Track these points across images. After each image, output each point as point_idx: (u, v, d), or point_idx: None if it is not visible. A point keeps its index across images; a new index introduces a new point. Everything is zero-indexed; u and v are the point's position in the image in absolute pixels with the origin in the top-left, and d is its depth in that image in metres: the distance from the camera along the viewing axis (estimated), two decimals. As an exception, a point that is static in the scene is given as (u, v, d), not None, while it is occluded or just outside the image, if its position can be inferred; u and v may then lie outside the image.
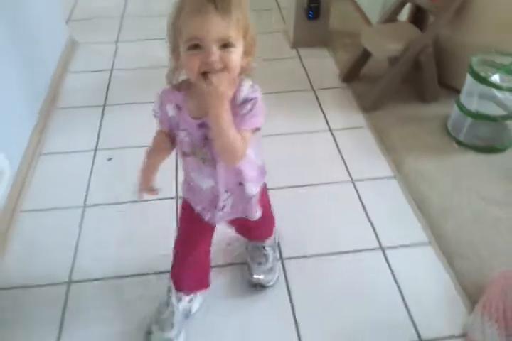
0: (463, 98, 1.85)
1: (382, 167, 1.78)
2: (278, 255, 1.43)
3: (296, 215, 1.58)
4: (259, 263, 1.36)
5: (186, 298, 1.26)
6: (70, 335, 1.27)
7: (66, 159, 1.80)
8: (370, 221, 1.57)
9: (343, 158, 1.81)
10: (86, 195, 1.65)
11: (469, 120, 1.83)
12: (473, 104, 1.81)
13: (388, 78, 2.03)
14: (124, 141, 1.86)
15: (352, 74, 2.23)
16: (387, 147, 1.87)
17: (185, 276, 1.24)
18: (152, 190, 1.13)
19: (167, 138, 1.05)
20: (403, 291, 1.37)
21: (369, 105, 2.05)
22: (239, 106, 0.92)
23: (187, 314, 1.27)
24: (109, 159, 1.79)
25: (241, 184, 1.07)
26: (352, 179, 1.72)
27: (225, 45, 0.85)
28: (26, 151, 1.73)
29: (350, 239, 1.51)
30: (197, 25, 0.82)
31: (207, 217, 1.14)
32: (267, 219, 1.31)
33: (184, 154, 1.03)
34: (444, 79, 2.11)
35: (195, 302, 1.29)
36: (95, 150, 1.83)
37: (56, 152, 1.83)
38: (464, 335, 1.27)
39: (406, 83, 2.11)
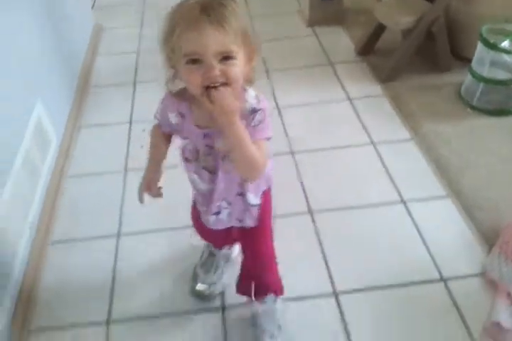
0: (475, 65, 1.95)
1: (401, 130, 1.89)
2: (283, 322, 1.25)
3: (323, 174, 1.70)
4: (271, 337, 1.20)
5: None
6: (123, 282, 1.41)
7: (104, 131, 1.94)
8: (391, 178, 1.68)
9: (362, 123, 1.93)
10: (126, 162, 1.79)
11: (481, 86, 1.93)
12: (485, 71, 1.91)
13: (402, 50, 2.14)
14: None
15: (367, 48, 2.34)
16: (404, 112, 1.97)
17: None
18: (157, 193, 1.05)
19: (163, 135, 1.04)
20: (424, 237, 1.48)
21: (385, 76, 2.16)
22: (248, 117, 0.89)
23: (228, 258, 1.38)
24: (144, 130, 1.91)
25: (241, 194, 1.04)
26: (372, 141, 1.84)
27: (226, 58, 0.82)
28: (68, 124, 1.86)
29: (373, 194, 1.63)
30: (194, 41, 0.80)
31: (204, 219, 1.13)
32: (271, 257, 1.19)
33: (186, 160, 1.02)
34: (456, 49, 2.21)
35: (235, 247, 1.40)
36: (130, 122, 1.97)
37: (94, 124, 1.97)
38: (482, 274, 1.38)
39: (419, 54, 2.20)
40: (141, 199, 1.06)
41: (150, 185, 1.04)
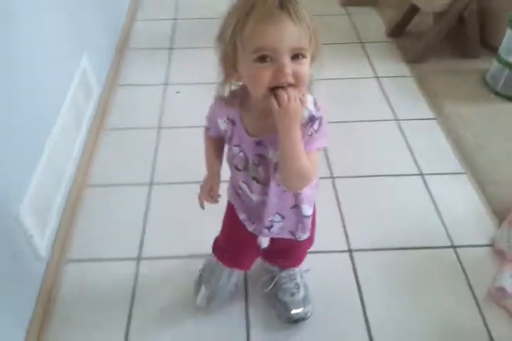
0: (502, 52, 2.00)
1: (424, 110, 1.96)
2: (306, 282, 1.31)
3: (346, 145, 1.78)
4: (292, 294, 1.25)
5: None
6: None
7: (140, 90, 2.03)
8: (411, 152, 1.76)
9: (387, 99, 1.99)
10: (160, 120, 1.88)
11: (507, 72, 1.98)
12: (511, 57, 1.96)
13: (433, 33, 2.19)
14: (190, 78, 2.07)
15: (397, 30, 2.39)
16: (429, 93, 2.04)
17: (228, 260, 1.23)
18: (213, 199, 1.09)
19: (213, 140, 1.02)
20: (439, 208, 1.56)
21: (413, 57, 2.21)
22: (305, 126, 0.82)
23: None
24: (178, 92, 2.01)
25: (296, 206, 0.99)
26: (396, 117, 1.91)
27: (296, 56, 0.76)
28: (107, 80, 1.95)
29: (393, 166, 1.71)
30: (269, 34, 0.73)
31: (251, 228, 1.08)
32: (309, 241, 1.18)
33: (236, 168, 0.96)
34: (484, 37, 2.25)
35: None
36: (165, 84, 2.06)
37: (131, 84, 2.06)
38: (491, 245, 1.46)
39: (449, 39, 2.26)
40: (202, 206, 1.11)
41: (207, 193, 1.08)
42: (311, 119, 0.83)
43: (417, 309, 1.30)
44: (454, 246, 1.45)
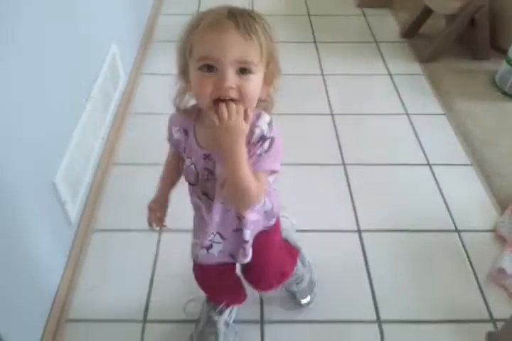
0: (511, 54, 2.09)
1: (434, 106, 2.04)
2: (306, 261, 1.33)
3: (358, 135, 1.88)
4: (297, 284, 1.29)
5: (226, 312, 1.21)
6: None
7: (162, 79, 2.12)
8: (420, 144, 1.84)
9: (399, 95, 2.08)
10: (181, 107, 1.98)
11: (515, 73, 2.07)
12: (521, 59, 2.05)
13: (445, 34, 2.28)
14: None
15: (411, 32, 2.48)
16: (440, 91, 2.12)
17: (220, 299, 1.20)
18: (160, 223, 1.05)
19: (177, 160, 0.98)
20: (445, 196, 1.64)
21: (426, 57, 2.30)
22: (255, 145, 0.79)
23: (228, 324, 1.23)
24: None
25: (238, 230, 0.95)
26: (407, 112, 1.99)
27: (243, 71, 0.73)
28: (132, 68, 2.06)
29: (402, 155, 1.80)
30: (212, 42, 0.71)
31: (193, 255, 1.05)
32: (286, 263, 1.18)
33: (190, 183, 0.94)
34: (495, 40, 2.34)
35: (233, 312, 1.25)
36: (187, 74, 2.16)
37: (154, 73, 2.16)
38: (493, 230, 1.53)
39: (460, 41, 2.34)
40: (151, 228, 1.06)
41: (155, 214, 1.04)
42: (262, 138, 0.79)
43: (421, 286, 1.38)
44: (458, 231, 1.53)
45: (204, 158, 0.85)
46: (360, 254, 1.45)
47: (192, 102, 0.85)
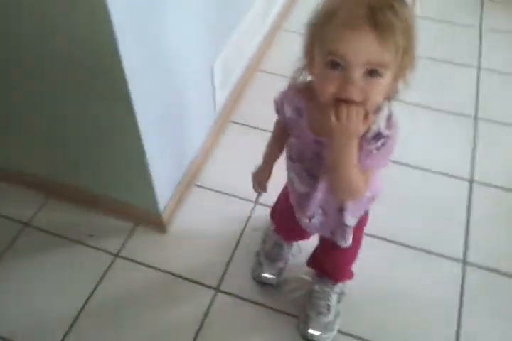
0: None
1: None
2: (339, 310, 1.22)
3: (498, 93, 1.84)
4: (319, 313, 1.18)
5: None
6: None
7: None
8: None
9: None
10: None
11: None
12: None
13: None
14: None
15: None
16: None
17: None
18: (262, 188, 1.10)
19: (283, 132, 0.95)
20: None
21: None
22: (368, 142, 0.77)
23: (293, 248, 1.32)
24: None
25: (340, 210, 0.95)
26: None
27: (372, 72, 0.68)
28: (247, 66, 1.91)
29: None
30: (344, 40, 0.66)
31: (297, 216, 1.05)
32: (351, 253, 1.13)
33: (290, 158, 0.94)
34: None
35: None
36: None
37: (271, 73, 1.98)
38: None
39: None
40: (257, 192, 1.13)
41: (257, 185, 1.10)
42: (377, 136, 0.77)
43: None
44: None
45: (314, 143, 0.84)
46: (465, 203, 1.48)
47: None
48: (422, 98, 1.77)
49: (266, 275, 1.27)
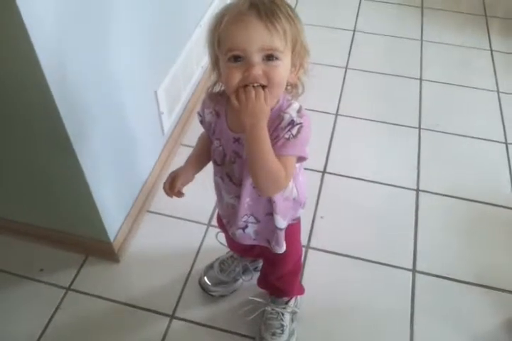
0: None
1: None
2: (294, 329, 1.24)
3: (441, 103, 1.92)
4: (273, 334, 1.20)
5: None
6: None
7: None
8: (502, 121, 1.85)
9: (494, 72, 2.07)
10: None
11: None
12: None
13: None
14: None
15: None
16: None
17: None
18: (176, 193, 1.02)
19: (208, 141, 0.98)
20: (513, 174, 1.66)
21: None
22: (283, 129, 0.81)
23: (247, 267, 1.34)
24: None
25: (269, 214, 0.97)
26: (498, 90, 1.99)
27: (270, 57, 0.75)
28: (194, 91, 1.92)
29: (481, 130, 1.82)
30: (237, 34, 0.74)
31: (230, 232, 1.06)
32: (294, 265, 1.17)
33: (215, 162, 0.96)
34: None
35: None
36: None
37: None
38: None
39: None
40: (167, 194, 1.03)
41: (169, 181, 1.01)
42: (291, 123, 0.81)
43: (465, 251, 1.44)
44: (519, 210, 1.56)
45: (234, 142, 0.88)
46: (413, 211, 1.53)
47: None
48: (367, 110, 1.84)
49: (207, 281, 1.30)
